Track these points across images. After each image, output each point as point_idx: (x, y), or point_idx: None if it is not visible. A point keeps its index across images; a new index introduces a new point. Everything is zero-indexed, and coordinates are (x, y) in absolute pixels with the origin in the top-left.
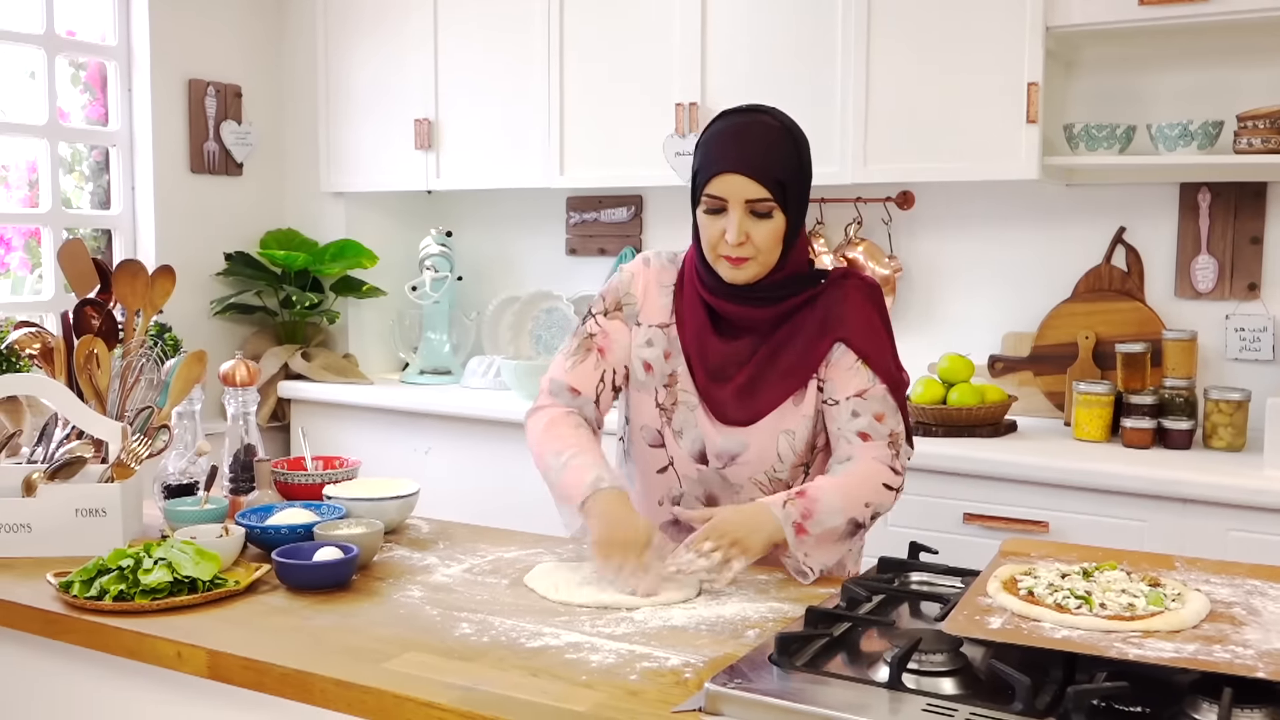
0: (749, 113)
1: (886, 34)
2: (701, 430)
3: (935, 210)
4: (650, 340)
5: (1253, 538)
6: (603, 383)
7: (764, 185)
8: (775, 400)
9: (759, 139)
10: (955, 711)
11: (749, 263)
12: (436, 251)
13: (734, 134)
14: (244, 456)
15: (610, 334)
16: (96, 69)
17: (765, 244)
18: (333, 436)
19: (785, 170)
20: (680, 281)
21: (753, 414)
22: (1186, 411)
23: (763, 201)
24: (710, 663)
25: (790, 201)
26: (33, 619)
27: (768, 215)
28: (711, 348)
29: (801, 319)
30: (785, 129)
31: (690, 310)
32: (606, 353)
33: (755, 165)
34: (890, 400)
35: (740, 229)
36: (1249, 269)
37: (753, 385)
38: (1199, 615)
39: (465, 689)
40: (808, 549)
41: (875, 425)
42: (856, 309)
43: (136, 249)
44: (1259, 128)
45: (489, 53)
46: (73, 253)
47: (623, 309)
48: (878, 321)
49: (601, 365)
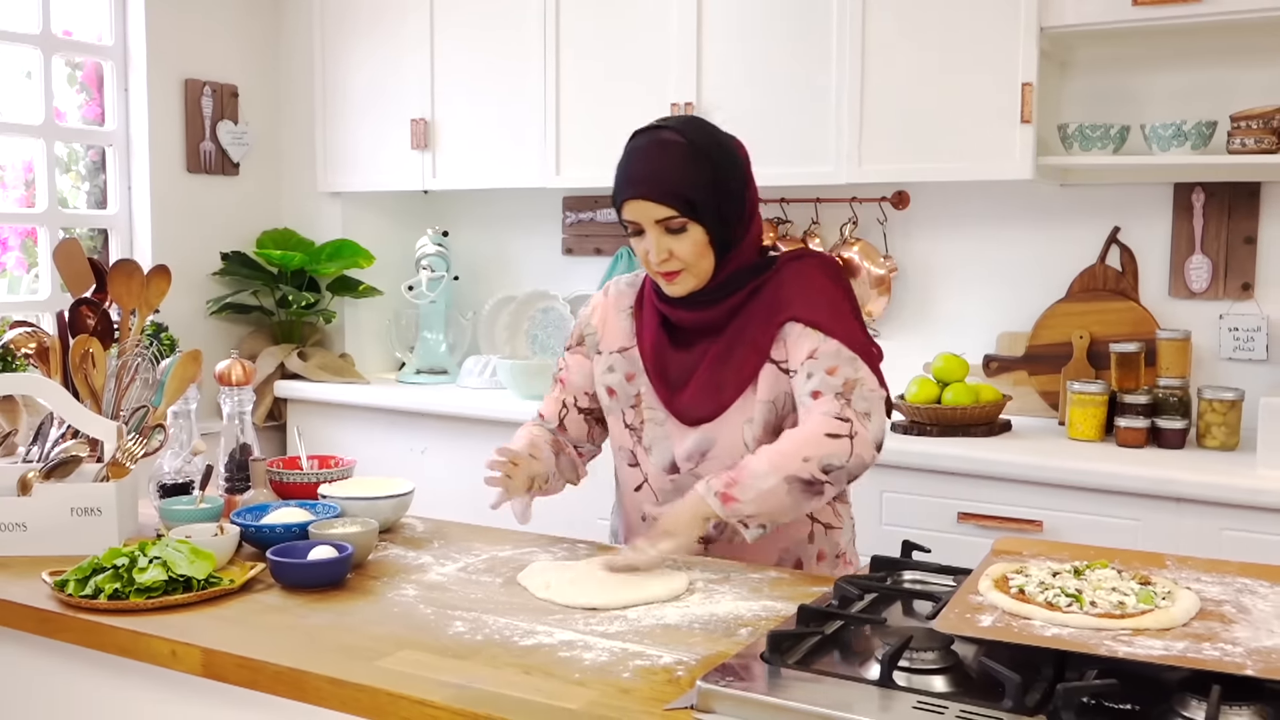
0: (651, 131)
1: (881, 34)
2: (671, 440)
3: (930, 210)
4: (611, 366)
5: (1246, 537)
6: (565, 407)
7: (667, 205)
8: (735, 393)
9: (657, 159)
10: (946, 709)
11: (681, 275)
12: (433, 251)
13: (635, 157)
14: (239, 456)
15: (570, 367)
16: (93, 69)
17: (689, 257)
18: (329, 436)
19: (689, 185)
20: (639, 302)
21: (715, 409)
22: (1180, 411)
23: (672, 219)
24: (703, 661)
25: (704, 213)
26: (28, 617)
27: (682, 230)
28: (670, 359)
29: (750, 310)
30: (688, 142)
31: (648, 327)
32: (566, 384)
33: (655, 188)
34: (845, 352)
35: (660, 247)
36: (1243, 269)
37: (710, 383)
38: (1189, 613)
39: (459, 687)
40: (747, 514)
41: (827, 379)
42: (803, 285)
43: (133, 249)
44: (1252, 128)
45: (485, 53)
46: (68, 252)
47: (584, 341)
48: (829, 292)
49: (562, 394)
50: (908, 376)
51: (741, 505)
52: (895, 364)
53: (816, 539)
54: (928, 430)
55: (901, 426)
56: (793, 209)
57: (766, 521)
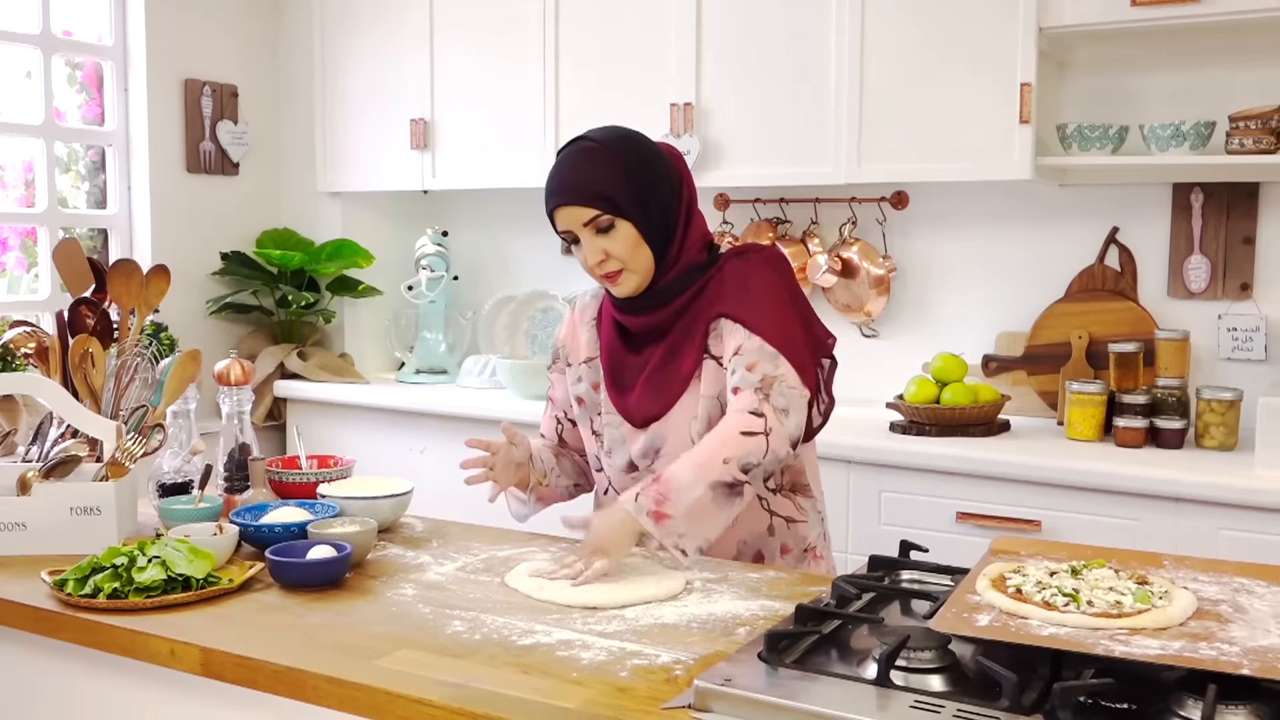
0: (573, 142)
1: (880, 34)
2: (627, 442)
3: (929, 210)
4: (580, 376)
5: (1244, 536)
6: (558, 422)
7: (589, 205)
8: (679, 390)
9: (572, 167)
10: (942, 708)
11: (622, 275)
12: (432, 251)
13: (557, 169)
14: (238, 455)
15: (555, 384)
16: (93, 69)
17: (624, 253)
18: (329, 436)
19: (605, 183)
20: (600, 312)
21: (661, 407)
22: (1179, 411)
23: (597, 219)
24: (700, 660)
25: (626, 207)
26: (27, 617)
27: (610, 228)
28: (622, 363)
29: (694, 309)
30: (602, 146)
31: (607, 333)
32: (554, 401)
33: (573, 192)
34: (766, 349)
35: (594, 249)
36: (1241, 269)
37: (655, 382)
38: (1185, 613)
39: (457, 686)
40: (681, 530)
41: (746, 375)
42: (739, 281)
43: (133, 248)
44: (1251, 128)
45: (484, 53)
46: (68, 252)
47: (560, 358)
48: (765, 286)
49: (554, 410)
50: (906, 376)
51: (674, 522)
52: (894, 364)
53: (778, 532)
54: (926, 430)
55: (900, 426)
56: (792, 209)
57: (701, 541)
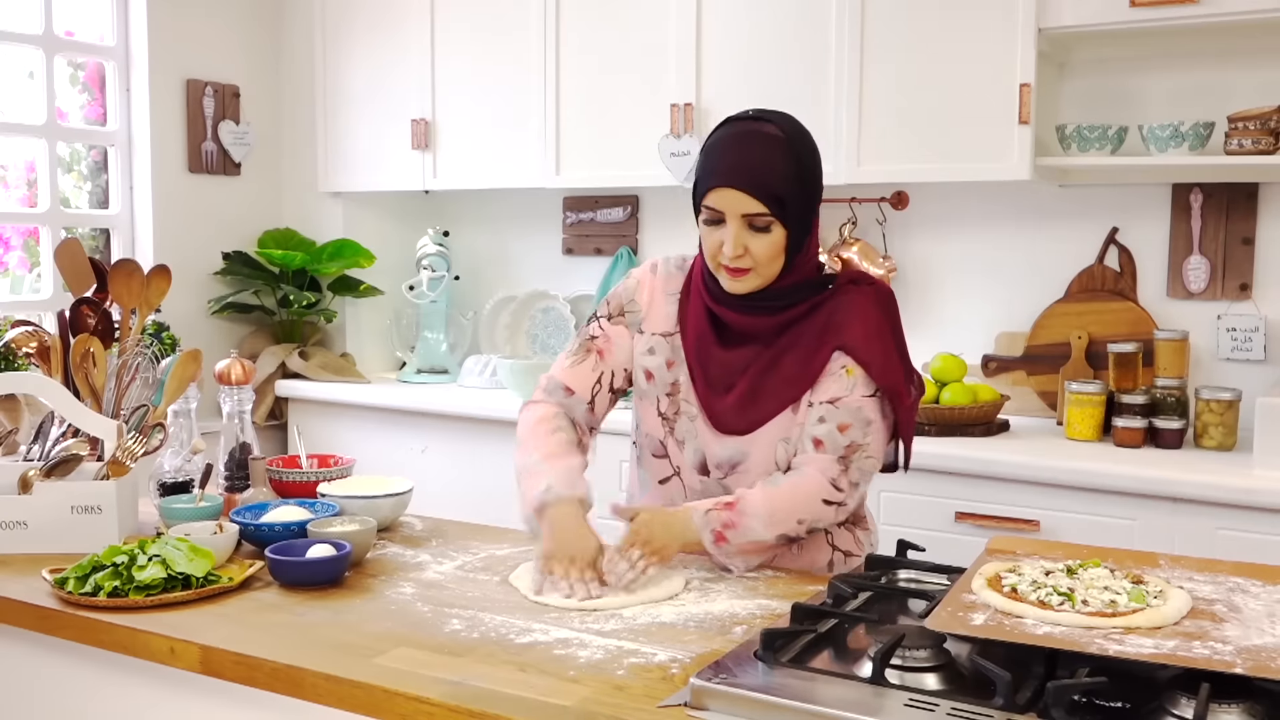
0: (752, 120)
1: (880, 35)
2: (702, 440)
3: (929, 210)
4: (652, 348)
5: (1241, 536)
6: (599, 384)
7: (760, 200)
8: (775, 409)
9: (757, 151)
10: (937, 706)
11: (749, 274)
12: (433, 251)
13: (733, 145)
14: (239, 454)
15: (612, 338)
16: (95, 69)
17: (764, 257)
18: (330, 435)
19: (784, 184)
20: (687, 289)
21: (752, 423)
22: (1178, 411)
23: (760, 216)
24: (697, 658)
25: (790, 214)
26: (28, 615)
27: (765, 229)
28: (713, 357)
29: (803, 327)
30: (787, 139)
31: (694, 318)
32: (606, 355)
33: (751, 180)
34: (864, 413)
35: (738, 242)
36: (1240, 269)
37: (753, 394)
38: (1180, 612)
39: (454, 684)
40: (728, 555)
41: (835, 435)
42: (860, 316)
43: (135, 248)
44: (1249, 129)
45: (485, 53)
46: (69, 252)
47: (625, 315)
48: (885, 328)
49: (600, 367)
50: None
51: (730, 547)
52: None
53: (835, 566)
54: (926, 430)
55: None
56: None
57: (745, 564)
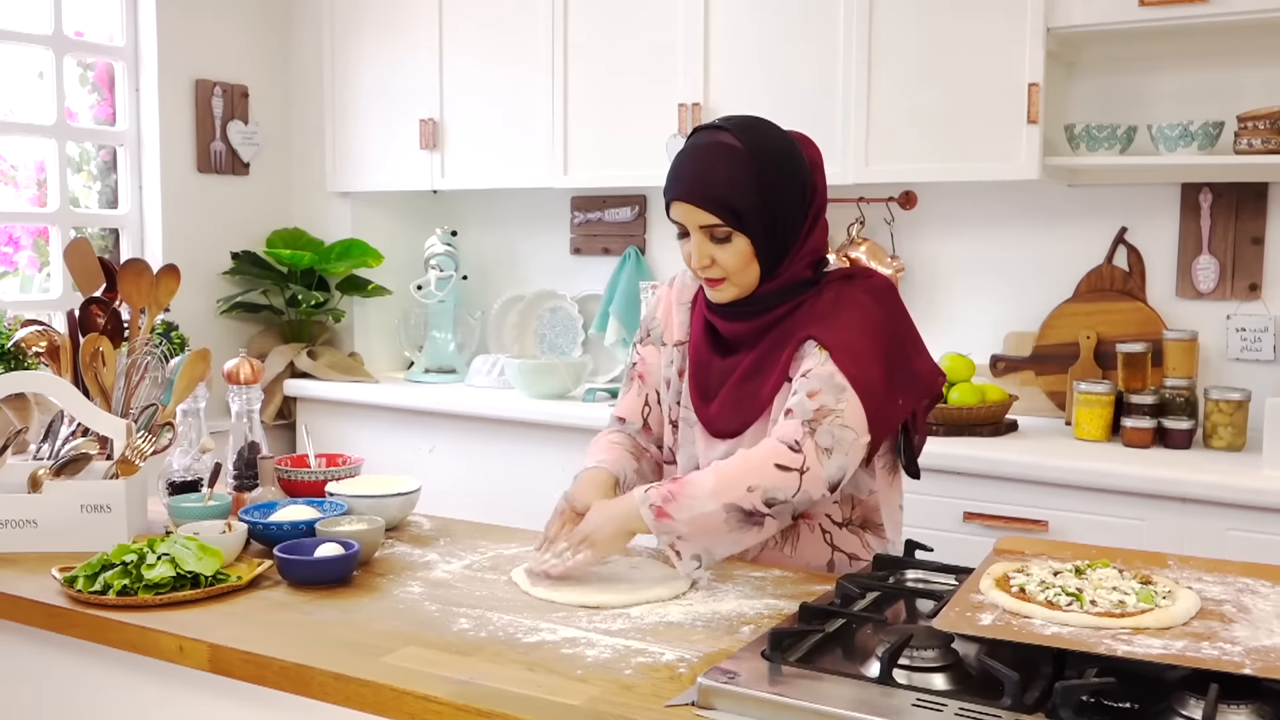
0: (710, 130)
1: (888, 34)
2: (697, 446)
3: (937, 210)
4: (671, 359)
5: (1251, 537)
6: (647, 405)
7: (711, 212)
8: (761, 407)
9: (710, 164)
10: (945, 706)
11: (723, 284)
12: (441, 251)
13: (687, 158)
14: (248, 454)
15: (646, 359)
16: (104, 69)
17: (732, 266)
18: (338, 435)
19: (737, 195)
20: (696, 298)
21: (742, 424)
22: (1187, 411)
23: (717, 227)
24: (705, 658)
25: (749, 223)
26: (37, 613)
27: (727, 239)
28: (711, 365)
29: (786, 326)
30: (745, 150)
31: (697, 328)
32: (646, 378)
33: (702, 193)
34: (836, 379)
35: (702, 253)
36: (1250, 269)
37: (739, 396)
38: (1189, 613)
39: (462, 683)
40: (680, 534)
41: (804, 402)
42: (836, 306)
43: (144, 248)
44: (1259, 128)
45: (493, 53)
46: (79, 251)
47: (651, 334)
48: (853, 314)
49: (644, 390)
50: None
51: (675, 524)
52: None
53: (838, 567)
54: (934, 430)
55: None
56: None
57: (701, 552)
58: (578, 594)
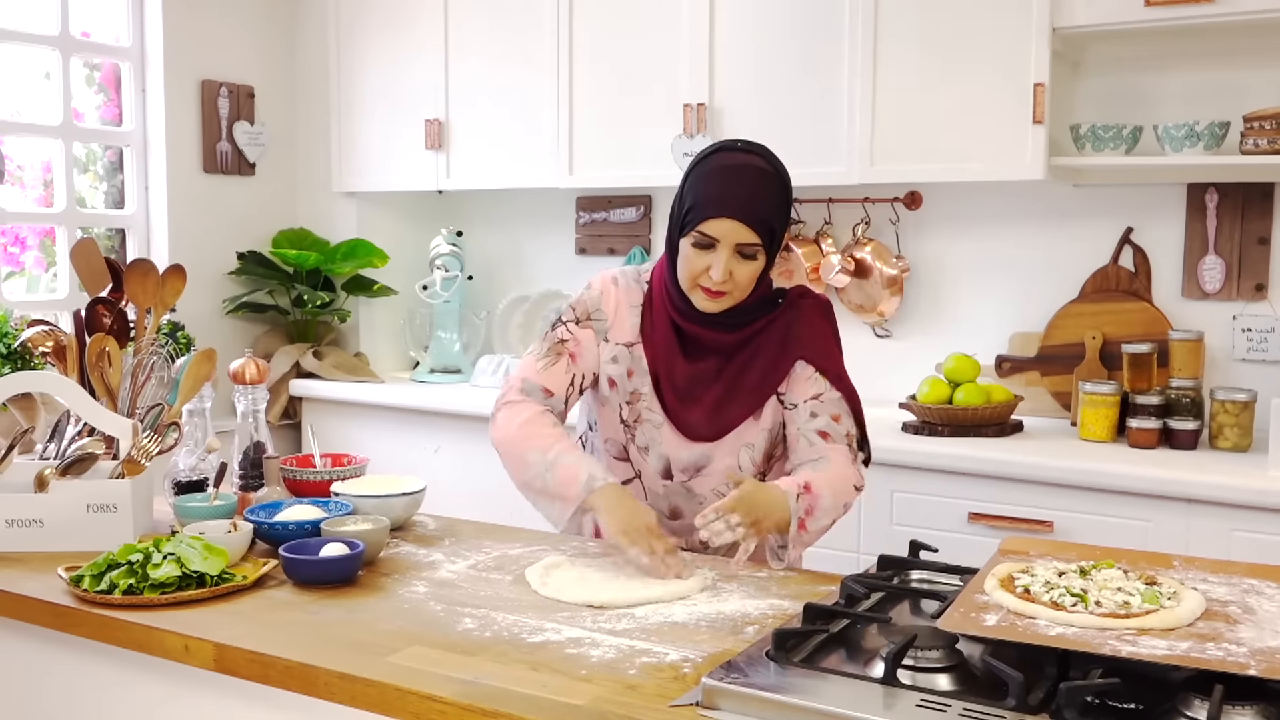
0: (743, 153)
1: (893, 35)
2: (666, 447)
3: (942, 210)
4: (615, 357)
5: (1257, 538)
6: (572, 386)
7: (755, 231)
8: (741, 416)
9: (756, 185)
10: (949, 707)
11: (726, 297)
12: (447, 251)
13: (733, 177)
14: (253, 453)
15: (582, 341)
16: (111, 70)
17: (745, 281)
18: (344, 434)
19: (775, 217)
20: (648, 302)
21: (719, 430)
22: (1193, 412)
23: (751, 245)
24: (709, 658)
25: (775, 245)
26: (44, 612)
27: (753, 257)
28: (678, 369)
29: (762, 340)
30: (777, 174)
31: (660, 331)
32: (577, 358)
33: (751, 213)
34: (844, 405)
35: (726, 268)
36: (1256, 269)
37: (721, 404)
38: (1194, 613)
39: (466, 682)
40: (798, 544)
41: (833, 425)
42: (813, 328)
43: (150, 248)
44: (1265, 128)
45: (499, 53)
46: (85, 252)
47: (593, 321)
48: (832, 338)
49: (572, 369)
50: (919, 377)
51: (806, 535)
52: (907, 364)
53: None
54: (939, 430)
55: (913, 426)
56: (805, 209)
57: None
58: (582, 594)
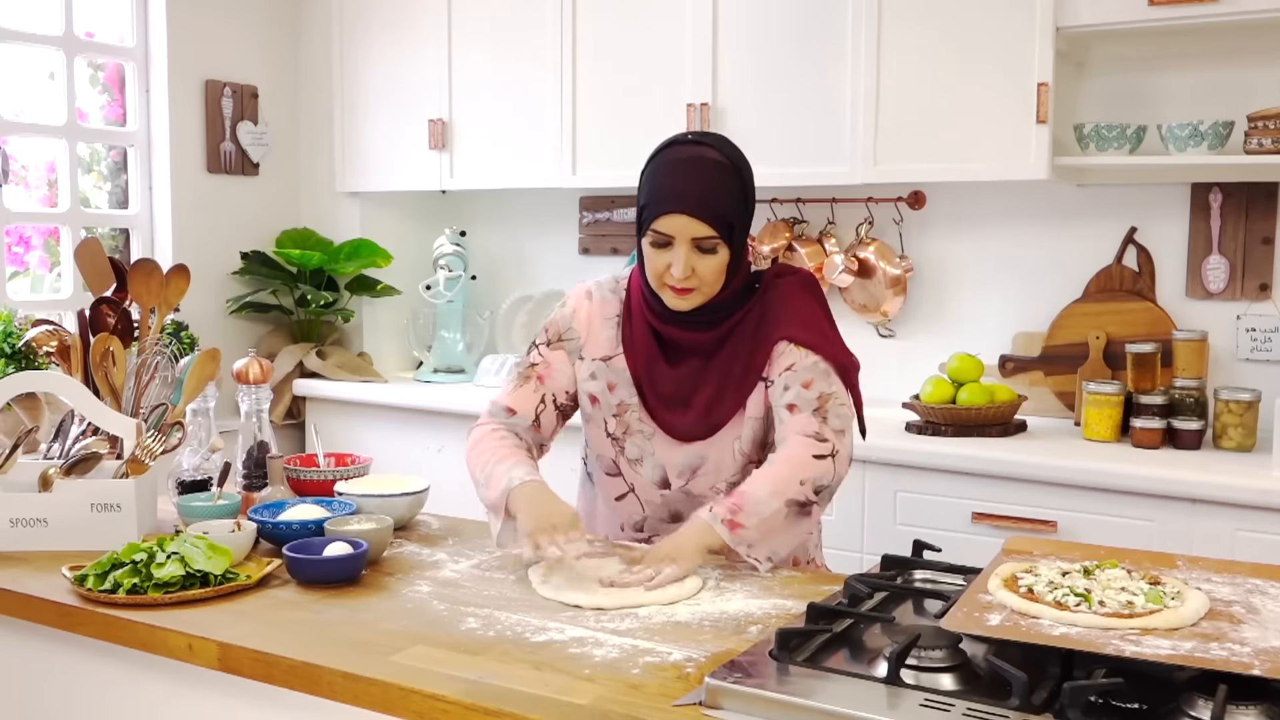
0: (691, 146)
1: (896, 34)
2: (660, 455)
3: (946, 210)
4: (594, 374)
5: (1261, 538)
6: (543, 404)
7: (710, 225)
8: (731, 411)
9: (706, 177)
10: (952, 707)
11: (694, 293)
12: (450, 251)
13: (681, 171)
14: (257, 453)
15: (551, 363)
16: (115, 70)
17: (710, 276)
18: (347, 434)
19: (731, 208)
20: (626, 311)
21: (711, 428)
22: (1196, 412)
23: (708, 239)
24: (712, 658)
25: (735, 237)
26: (48, 611)
27: (712, 251)
28: (661, 374)
29: (740, 331)
30: (731, 165)
31: (640, 339)
32: (546, 379)
33: (702, 206)
34: (821, 365)
35: (686, 265)
36: (1260, 269)
37: (711, 404)
38: (1198, 613)
39: (470, 682)
40: (751, 541)
41: (802, 393)
42: (791, 304)
43: (154, 248)
44: (1269, 128)
45: (502, 53)
46: (89, 251)
47: (565, 342)
48: (816, 311)
49: (540, 389)
50: (923, 376)
51: (747, 531)
52: (910, 364)
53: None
54: (942, 430)
55: (916, 426)
56: (808, 209)
57: (770, 553)
58: (585, 594)
